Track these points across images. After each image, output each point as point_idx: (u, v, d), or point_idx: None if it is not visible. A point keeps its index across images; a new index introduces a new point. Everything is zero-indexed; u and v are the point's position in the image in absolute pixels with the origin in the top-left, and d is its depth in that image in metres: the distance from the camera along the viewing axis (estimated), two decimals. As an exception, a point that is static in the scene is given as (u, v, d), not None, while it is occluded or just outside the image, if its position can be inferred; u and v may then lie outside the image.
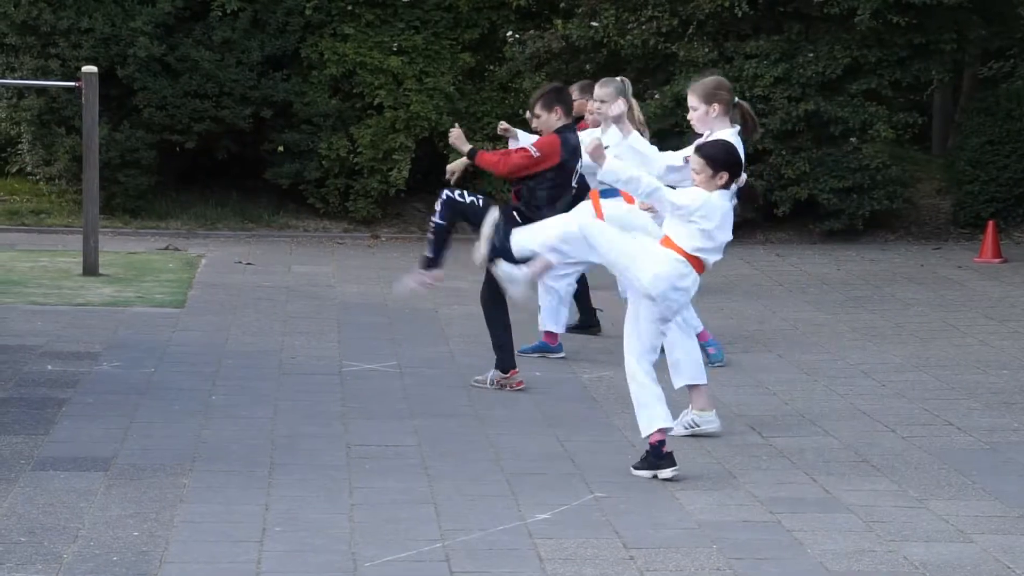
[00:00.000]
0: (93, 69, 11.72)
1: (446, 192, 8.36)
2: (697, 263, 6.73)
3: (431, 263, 8.40)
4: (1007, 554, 5.86)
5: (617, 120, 7.43)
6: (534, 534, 5.97)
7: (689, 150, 7.22)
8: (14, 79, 14.20)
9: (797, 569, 5.68)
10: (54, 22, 14.16)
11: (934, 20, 14.61)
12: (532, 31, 15.11)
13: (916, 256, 14.12)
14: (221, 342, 9.41)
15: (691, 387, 7.50)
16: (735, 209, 6.87)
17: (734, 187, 6.77)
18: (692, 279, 6.75)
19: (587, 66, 15.34)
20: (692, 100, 7.34)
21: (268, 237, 14.35)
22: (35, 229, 14.10)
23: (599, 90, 9.28)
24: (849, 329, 10.57)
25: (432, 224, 8.38)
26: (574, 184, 8.52)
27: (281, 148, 14.77)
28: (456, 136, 8.51)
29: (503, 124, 9.28)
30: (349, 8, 14.94)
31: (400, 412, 7.89)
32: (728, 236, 6.78)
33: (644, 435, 6.77)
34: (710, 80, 7.41)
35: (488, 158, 8.47)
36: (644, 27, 14.70)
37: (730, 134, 7.31)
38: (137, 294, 10.96)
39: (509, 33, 15.22)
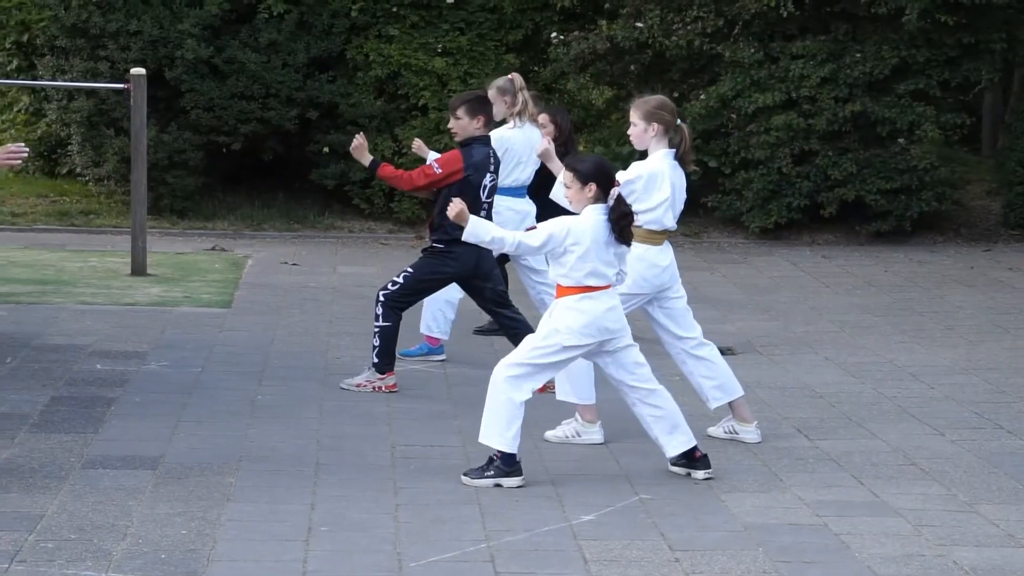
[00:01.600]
0: (141, 71, 11.80)
1: (382, 292, 8.26)
2: (594, 289, 6.64)
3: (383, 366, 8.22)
4: (1057, 558, 5.81)
5: (544, 156, 7.45)
6: (579, 535, 5.97)
7: (622, 174, 7.24)
8: (64, 81, 14.32)
9: (844, 573, 5.65)
10: (103, 24, 14.26)
11: (983, 19, 14.49)
12: (576, 32, 15.09)
13: (966, 258, 14.01)
14: (267, 342, 9.45)
15: (730, 403, 7.51)
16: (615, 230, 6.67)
17: (609, 202, 6.66)
18: (607, 303, 6.66)
19: (632, 67, 15.32)
20: (633, 116, 7.33)
21: (314, 238, 14.40)
22: (84, 230, 14.21)
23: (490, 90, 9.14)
24: (897, 331, 10.50)
25: (376, 327, 8.23)
26: (484, 199, 8.20)
27: (326, 149, 14.82)
28: (357, 146, 8.24)
29: (417, 142, 9.14)
30: (394, 10, 14.97)
31: (445, 412, 7.90)
32: (607, 256, 6.62)
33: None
34: (654, 99, 7.40)
35: (390, 172, 8.25)
36: (689, 28, 14.65)
37: (663, 155, 7.29)
38: (184, 294, 11.03)
39: (553, 34, 15.21)
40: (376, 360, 8.23)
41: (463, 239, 6.82)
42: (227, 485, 6.45)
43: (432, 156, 8.93)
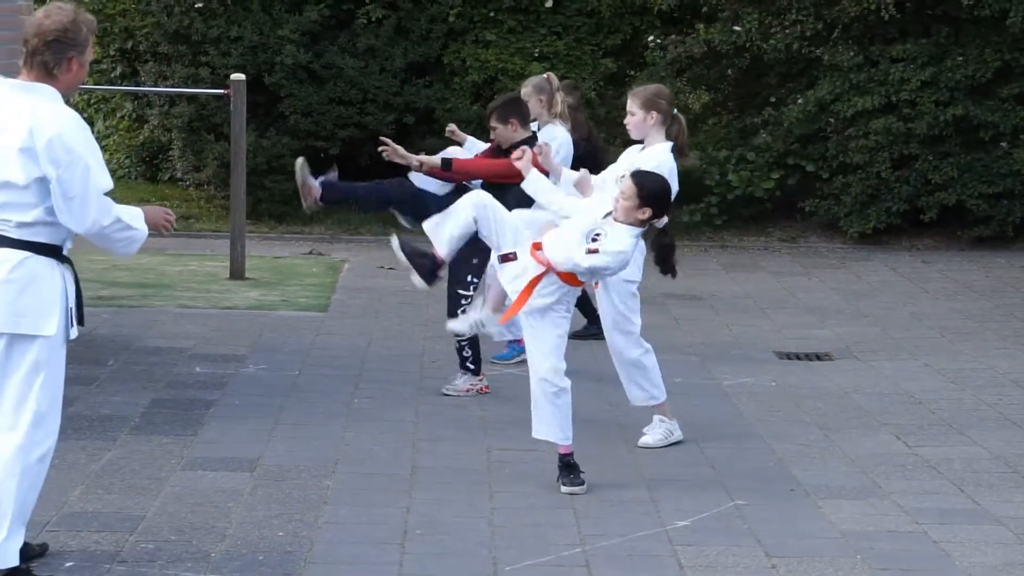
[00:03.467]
0: (241, 77, 11.94)
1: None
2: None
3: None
4: None
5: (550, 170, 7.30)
6: (674, 541, 5.94)
7: (613, 169, 7.19)
8: (166, 87, 14.54)
9: (944, 582, 5.57)
10: (204, 31, 14.46)
11: (1090, 21, 14.20)
12: (674, 36, 15.03)
13: (1069, 263, 13.75)
14: (363, 346, 9.51)
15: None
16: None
17: (643, 228, 6.59)
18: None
19: (728, 71, 15.22)
20: (631, 105, 7.22)
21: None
22: (184, 234, 14.38)
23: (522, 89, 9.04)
24: (998, 337, 10.33)
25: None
26: None
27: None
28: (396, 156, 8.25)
29: (451, 126, 8.98)
30: (491, 15, 15.01)
31: (540, 417, 7.89)
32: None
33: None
34: (652, 87, 7.33)
35: (464, 163, 8.21)
36: (788, 31, 14.53)
37: (664, 148, 7.20)
38: (282, 298, 11.14)
39: (651, 38, 15.16)
40: (472, 366, 8.28)
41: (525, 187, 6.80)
42: (324, 488, 6.50)
43: (469, 140, 8.88)
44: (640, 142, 7.30)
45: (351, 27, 14.87)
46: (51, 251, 5.22)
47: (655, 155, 7.16)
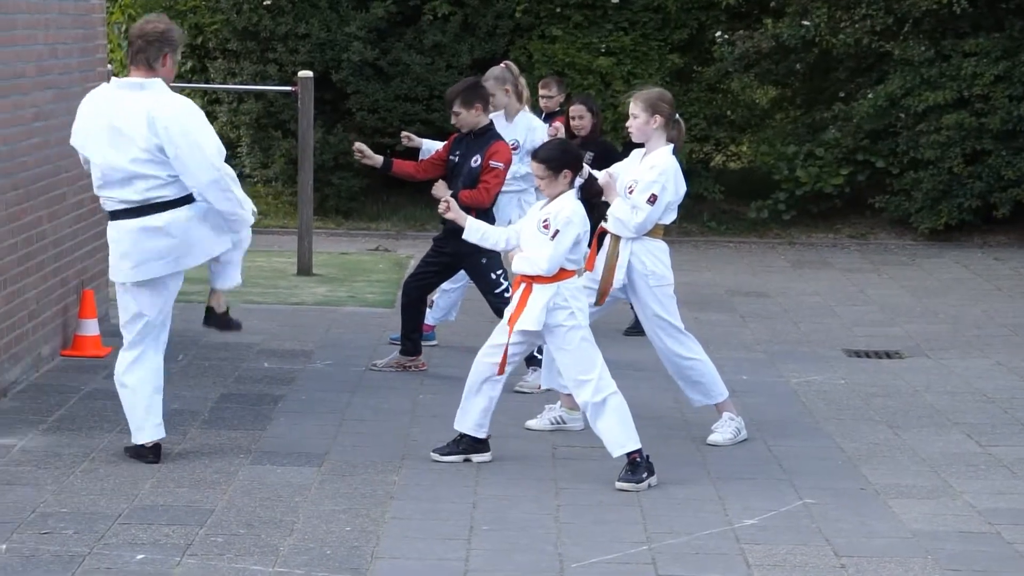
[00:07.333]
0: (309, 74, 12.00)
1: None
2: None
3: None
4: None
5: (605, 190, 7.37)
6: (741, 539, 5.90)
7: (619, 169, 7.33)
8: (235, 84, 14.64)
9: (1017, 583, 5.50)
10: (273, 28, 14.55)
11: None
12: (741, 31, 14.94)
13: None
14: (428, 341, 9.51)
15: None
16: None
17: (578, 182, 6.90)
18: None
19: (797, 66, 15.11)
20: (634, 108, 7.25)
21: (476, 238, 14.46)
22: (252, 230, 14.43)
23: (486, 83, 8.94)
24: (1072, 336, 10.20)
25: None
26: None
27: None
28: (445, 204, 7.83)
29: (405, 133, 8.97)
30: (558, 10, 15.00)
31: (607, 414, 7.86)
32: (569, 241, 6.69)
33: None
34: (654, 91, 7.35)
35: (471, 195, 8.10)
36: (858, 25, 14.40)
37: (667, 151, 7.23)
38: (349, 294, 11.19)
39: (718, 33, 15.08)
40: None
41: (466, 237, 7.01)
42: (391, 483, 6.52)
43: (428, 144, 8.83)
44: (641, 145, 7.31)
45: (417, 24, 14.90)
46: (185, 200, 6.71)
47: (658, 160, 7.24)
